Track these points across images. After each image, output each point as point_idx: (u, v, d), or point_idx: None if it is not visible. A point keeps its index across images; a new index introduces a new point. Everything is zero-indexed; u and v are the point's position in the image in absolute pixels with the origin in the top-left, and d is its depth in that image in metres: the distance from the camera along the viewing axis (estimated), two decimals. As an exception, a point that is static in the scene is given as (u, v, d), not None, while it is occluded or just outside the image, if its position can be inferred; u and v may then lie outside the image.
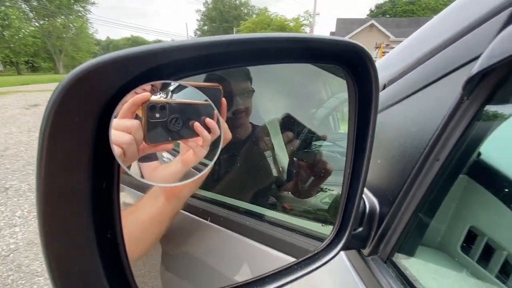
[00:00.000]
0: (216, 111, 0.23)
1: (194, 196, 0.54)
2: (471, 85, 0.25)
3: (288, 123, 0.49)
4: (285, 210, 0.53)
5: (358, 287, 0.37)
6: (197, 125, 0.22)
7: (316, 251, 0.29)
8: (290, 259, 0.35)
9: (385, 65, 0.46)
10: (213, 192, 0.54)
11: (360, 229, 0.34)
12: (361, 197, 0.29)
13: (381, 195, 0.35)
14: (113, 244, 0.18)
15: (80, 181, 0.15)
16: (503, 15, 0.24)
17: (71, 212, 0.15)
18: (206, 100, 0.22)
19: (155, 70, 0.15)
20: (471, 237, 0.38)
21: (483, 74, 0.24)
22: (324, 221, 0.48)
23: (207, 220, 0.53)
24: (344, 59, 0.22)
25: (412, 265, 0.35)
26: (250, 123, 0.45)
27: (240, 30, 30.74)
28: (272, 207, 0.51)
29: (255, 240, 0.49)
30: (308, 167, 0.50)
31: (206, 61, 0.16)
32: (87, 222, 0.16)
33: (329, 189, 0.50)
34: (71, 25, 27.69)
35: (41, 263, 1.78)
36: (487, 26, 0.26)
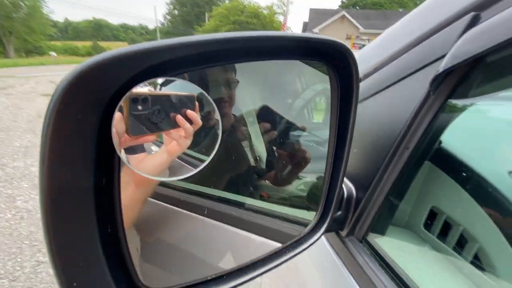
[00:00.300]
0: (197, 103, 0.23)
1: (173, 187, 0.54)
2: (437, 82, 0.29)
3: (266, 114, 0.51)
4: (263, 198, 0.55)
5: (337, 265, 0.40)
6: (178, 117, 0.23)
7: (302, 235, 0.31)
8: (273, 244, 0.37)
9: (360, 59, 0.49)
10: (192, 183, 0.54)
11: (339, 212, 0.37)
12: (341, 185, 0.31)
13: (358, 181, 0.39)
14: (114, 238, 0.18)
15: (83, 178, 0.15)
16: (464, 20, 0.28)
17: (75, 209, 0.15)
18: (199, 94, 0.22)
19: (155, 67, 0.15)
20: (432, 216, 0.43)
21: (447, 73, 0.27)
22: (304, 207, 0.51)
23: (188, 210, 0.54)
24: (329, 56, 0.24)
25: (383, 243, 0.39)
26: (233, 114, 0.46)
27: (212, 16, 29.79)
28: (253, 195, 0.52)
29: (239, 227, 0.50)
30: (288, 156, 0.52)
31: (205, 58, 0.17)
32: (90, 218, 0.16)
33: (303, 177, 0.53)
34: (21, 3, 24.82)
35: (3, 265, 1.66)
36: (451, 29, 0.29)
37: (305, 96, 0.67)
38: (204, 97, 0.23)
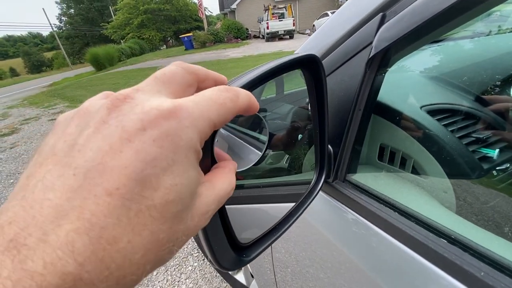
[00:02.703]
0: None
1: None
2: (369, 62, 0.43)
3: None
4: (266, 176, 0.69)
5: (331, 202, 0.55)
6: None
7: (309, 189, 0.44)
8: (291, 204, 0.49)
9: (306, 48, 0.62)
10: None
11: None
12: (327, 147, 0.45)
13: (332, 141, 0.53)
14: (222, 216, 0.28)
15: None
16: (377, 18, 0.42)
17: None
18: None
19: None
20: (381, 150, 0.60)
21: (374, 56, 0.42)
22: (299, 171, 0.66)
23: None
24: (307, 64, 0.36)
25: (357, 177, 0.55)
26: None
27: (119, 8, 26.69)
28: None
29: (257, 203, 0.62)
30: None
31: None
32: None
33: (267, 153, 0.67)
34: None
35: None
36: (370, 24, 0.43)
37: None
38: None
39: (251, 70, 0.29)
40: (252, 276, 1.47)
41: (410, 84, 0.64)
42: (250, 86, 0.26)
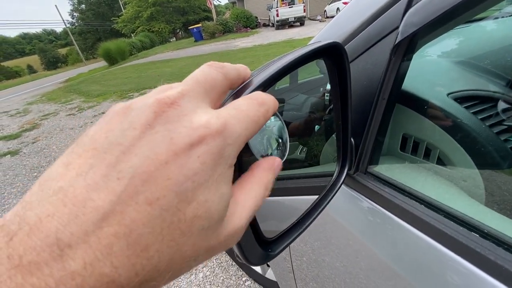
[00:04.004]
0: None
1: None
2: (395, 48, 0.41)
3: None
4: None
5: (352, 194, 0.54)
6: None
7: (332, 182, 0.43)
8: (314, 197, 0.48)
9: (325, 36, 0.60)
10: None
11: (347, 158, 0.50)
12: (350, 139, 0.43)
13: (354, 132, 0.51)
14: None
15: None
16: (404, 0, 0.39)
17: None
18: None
19: None
20: (404, 140, 0.58)
21: (400, 42, 0.39)
22: (316, 163, 0.65)
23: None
24: (329, 53, 0.34)
25: (379, 169, 0.53)
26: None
27: (129, 1, 26.75)
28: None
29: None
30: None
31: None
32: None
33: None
34: None
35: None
36: (396, 8, 0.41)
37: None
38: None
39: (272, 61, 0.27)
40: (268, 265, 1.49)
41: (435, 70, 0.61)
42: (272, 81, 0.25)
